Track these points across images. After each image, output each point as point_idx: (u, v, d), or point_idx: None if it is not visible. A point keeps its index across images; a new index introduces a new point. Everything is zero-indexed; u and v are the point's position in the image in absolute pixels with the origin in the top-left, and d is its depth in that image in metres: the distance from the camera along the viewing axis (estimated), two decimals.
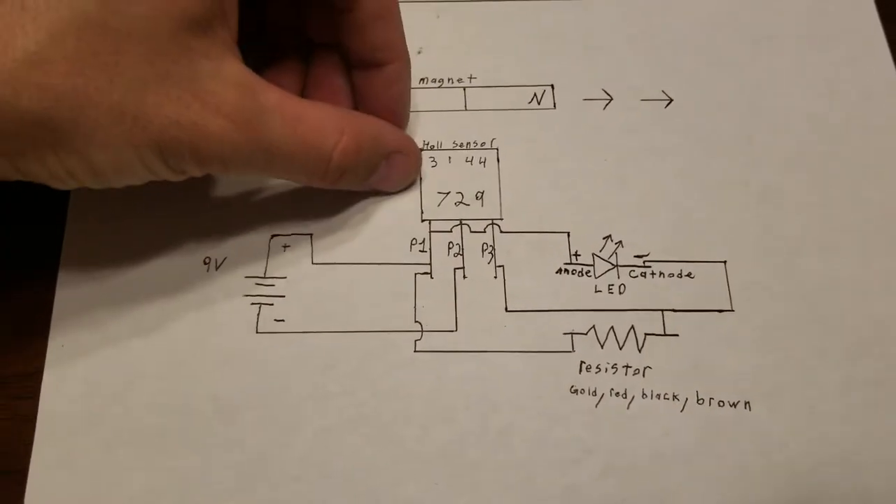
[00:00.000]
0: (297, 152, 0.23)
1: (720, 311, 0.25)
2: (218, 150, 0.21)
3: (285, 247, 0.26)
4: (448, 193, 0.27)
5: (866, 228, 0.26)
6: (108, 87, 0.19)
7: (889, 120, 0.28)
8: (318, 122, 0.23)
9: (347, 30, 0.24)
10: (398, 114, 0.26)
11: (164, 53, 0.20)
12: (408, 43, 0.28)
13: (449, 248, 0.26)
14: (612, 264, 0.26)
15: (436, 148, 0.28)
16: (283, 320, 0.25)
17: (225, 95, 0.21)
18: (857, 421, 0.24)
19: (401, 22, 0.25)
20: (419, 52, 0.29)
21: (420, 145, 0.28)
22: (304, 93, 0.26)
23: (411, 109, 0.28)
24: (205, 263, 0.26)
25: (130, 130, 0.20)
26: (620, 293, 0.25)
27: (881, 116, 0.28)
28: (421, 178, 0.27)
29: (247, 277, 0.26)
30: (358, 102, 0.26)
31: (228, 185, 0.27)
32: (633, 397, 0.24)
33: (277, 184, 0.27)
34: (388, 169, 0.26)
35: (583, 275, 0.26)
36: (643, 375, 0.24)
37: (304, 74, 0.27)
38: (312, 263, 0.26)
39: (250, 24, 0.25)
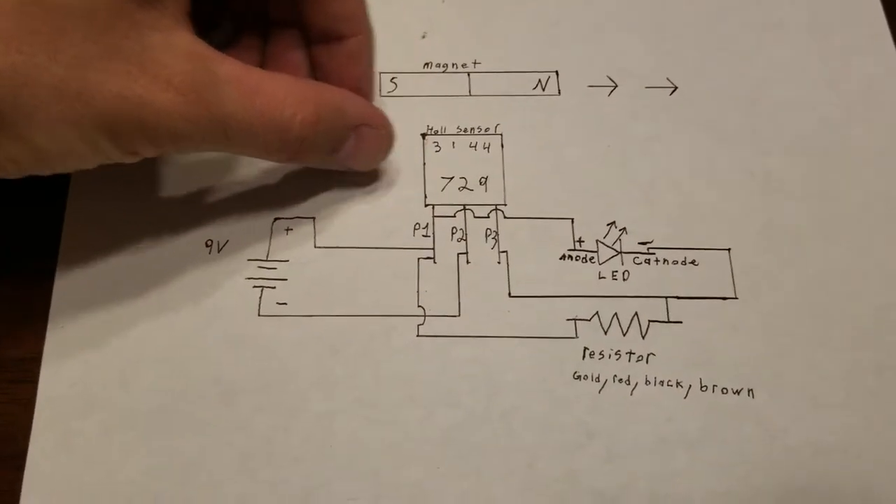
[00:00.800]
0: (255, 124, 0.22)
1: (724, 298, 0.25)
2: (169, 125, 0.20)
3: (288, 230, 0.26)
4: (452, 178, 0.27)
5: (869, 217, 0.26)
6: (48, 65, 0.19)
7: (891, 110, 0.28)
8: (277, 92, 0.22)
9: (307, 2, 0.24)
10: (362, 91, 0.26)
11: (110, 28, 0.19)
12: (412, 27, 0.28)
13: (452, 233, 0.26)
14: (616, 251, 0.26)
15: (440, 133, 0.28)
16: (285, 303, 0.25)
17: (175, 67, 0.20)
18: (858, 408, 0.24)
19: None
20: (423, 37, 0.29)
21: (424, 130, 0.28)
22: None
23: (417, 94, 0.28)
24: (207, 246, 0.25)
25: (73, 107, 0.19)
26: (624, 280, 0.25)
27: (884, 106, 0.28)
28: (424, 163, 0.27)
29: (249, 260, 0.25)
30: (319, 80, 0.25)
31: (230, 167, 0.27)
32: (636, 384, 0.24)
33: (280, 166, 0.27)
34: (356, 143, 0.25)
35: (587, 261, 0.26)
36: (646, 362, 0.24)
37: (263, 53, 0.26)
38: (315, 247, 0.26)
39: (207, 4, 0.24)
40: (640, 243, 0.26)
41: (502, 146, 0.27)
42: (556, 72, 0.29)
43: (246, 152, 0.23)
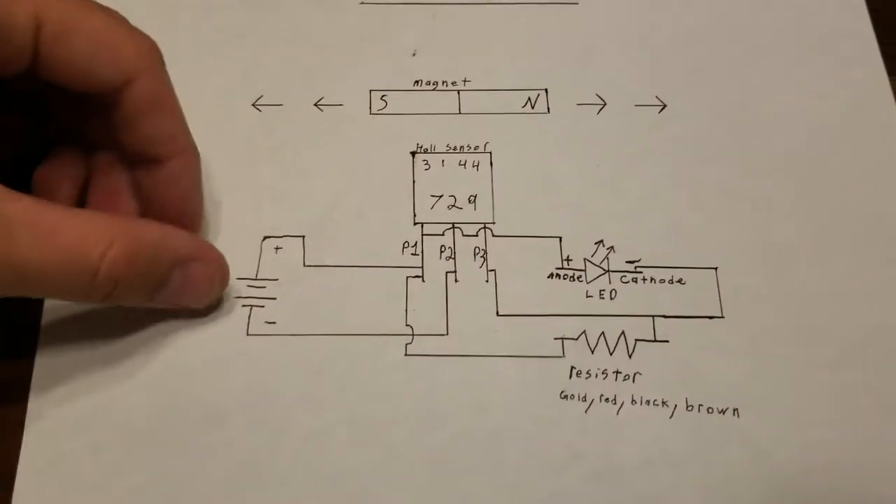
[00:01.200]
0: (53, 267, 0.20)
1: (710, 317, 0.25)
2: None
3: (277, 248, 0.26)
4: (441, 197, 0.27)
5: (857, 236, 0.27)
6: None
7: (881, 128, 0.28)
8: (81, 231, 0.20)
9: (120, 125, 0.23)
10: (187, 213, 0.24)
11: None
12: (404, 44, 0.28)
13: (441, 252, 0.26)
14: (604, 269, 0.26)
15: (429, 151, 0.28)
16: (274, 322, 0.25)
17: None
18: (844, 428, 0.24)
19: (179, 112, 0.23)
20: (414, 54, 0.29)
21: (413, 148, 0.28)
22: (84, 198, 0.25)
23: (407, 112, 0.28)
24: None
25: None
26: (612, 298, 0.26)
27: (873, 124, 0.28)
28: (414, 181, 0.27)
29: (238, 279, 0.25)
30: (144, 205, 0.24)
31: (219, 185, 0.27)
32: (622, 403, 0.24)
33: (269, 184, 0.27)
34: (184, 281, 0.23)
35: (574, 280, 0.26)
36: (633, 381, 0.24)
37: (85, 179, 0.25)
38: (304, 266, 0.26)
39: (29, 133, 0.24)
40: (627, 262, 0.26)
41: (491, 164, 0.28)
42: (546, 90, 0.29)
43: (53, 297, 0.22)
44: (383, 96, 0.29)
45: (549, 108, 0.29)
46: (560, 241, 0.26)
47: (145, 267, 0.22)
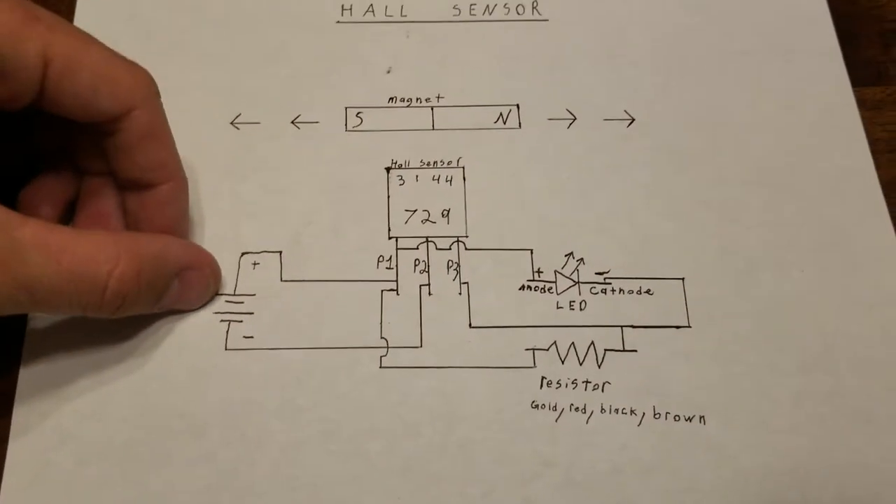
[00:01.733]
0: (65, 286, 0.21)
1: (678, 327, 0.26)
2: None
3: (255, 264, 0.27)
4: (415, 211, 0.28)
5: (820, 247, 0.27)
6: None
7: (845, 138, 0.29)
8: (88, 250, 0.21)
9: (114, 152, 0.24)
10: (176, 235, 0.25)
11: None
12: (378, 62, 0.28)
13: (415, 265, 0.27)
14: (574, 281, 0.27)
15: (403, 167, 0.28)
16: (251, 337, 0.26)
17: None
18: (808, 433, 0.25)
19: (171, 141, 0.24)
20: (388, 72, 0.30)
21: (388, 164, 0.28)
22: (74, 221, 0.26)
23: (381, 129, 0.29)
24: None
25: None
26: (581, 309, 0.26)
27: (838, 137, 0.29)
28: (388, 196, 0.28)
29: (217, 294, 0.26)
30: (133, 227, 0.25)
31: (198, 202, 0.27)
32: (591, 412, 0.25)
33: (247, 200, 0.28)
34: (182, 288, 0.25)
35: (545, 291, 0.26)
36: (602, 390, 0.25)
37: (68, 202, 0.26)
38: (281, 280, 0.26)
39: (17, 152, 0.24)
40: (596, 273, 0.27)
41: (464, 179, 0.28)
42: (517, 105, 0.30)
43: (63, 313, 0.24)
44: (359, 113, 0.29)
45: (520, 123, 0.29)
46: (531, 253, 0.27)
47: (150, 280, 0.23)
